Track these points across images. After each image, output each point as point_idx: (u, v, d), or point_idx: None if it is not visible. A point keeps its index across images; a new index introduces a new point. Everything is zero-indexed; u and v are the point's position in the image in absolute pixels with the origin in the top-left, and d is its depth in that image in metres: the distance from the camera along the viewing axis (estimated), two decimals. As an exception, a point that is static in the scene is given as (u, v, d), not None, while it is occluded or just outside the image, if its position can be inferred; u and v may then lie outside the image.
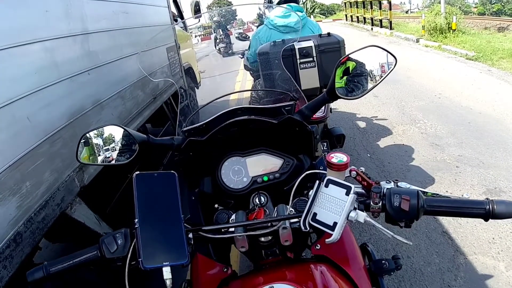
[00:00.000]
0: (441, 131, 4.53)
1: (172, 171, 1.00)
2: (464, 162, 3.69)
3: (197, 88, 5.80)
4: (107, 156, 1.21)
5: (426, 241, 2.67)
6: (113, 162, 1.20)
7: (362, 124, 5.03)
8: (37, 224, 1.51)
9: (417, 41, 12.43)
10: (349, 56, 1.22)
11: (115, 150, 1.21)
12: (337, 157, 1.01)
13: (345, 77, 1.26)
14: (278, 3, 3.30)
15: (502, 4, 61.77)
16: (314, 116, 2.83)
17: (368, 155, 4.02)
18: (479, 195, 3.11)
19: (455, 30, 11.76)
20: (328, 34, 2.79)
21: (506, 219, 0.85)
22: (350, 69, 1.27)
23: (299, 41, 2.69)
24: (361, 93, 1.22)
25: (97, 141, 1.22)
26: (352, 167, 1.01)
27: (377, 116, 5.22)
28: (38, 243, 1.56)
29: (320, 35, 2.79)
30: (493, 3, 63.45)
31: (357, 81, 1.25)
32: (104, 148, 1.21)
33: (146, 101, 3.03)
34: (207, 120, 1.25)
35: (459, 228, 2.74)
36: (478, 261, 2.45)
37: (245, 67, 3.60)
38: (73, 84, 1.94)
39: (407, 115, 5.19)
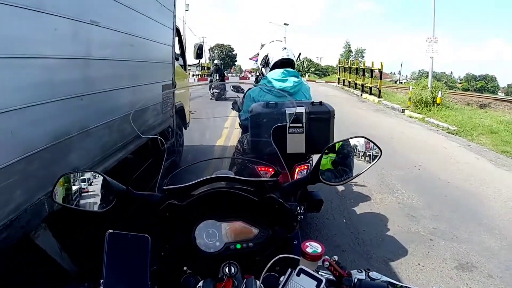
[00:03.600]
0: (417, 202, 4.60)
1: (145, 235, 1.00)
2: (438, 235, 3.72)
3: (185, 128, 5.79)
4: (83, 201, 1.20)
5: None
6: (88, 208, 1.19)
7: (341, 188, 5.07)
8: None
9: (403, 111, 12.88)
10: (337, 142, 1.28)
11: (92, 196, 1.20)
12: (312, 247, 1.01)
13: (330, 155, 1.30)
14: (274, 66, 3.34)
15: (486, 81, 64.78)
16: (295, 178, 2.84)
17: (344, 220, 4.02)
18: (451, 270, 3.12)
19: (439, 104, 12.25)
20: (320, 103, 2.83)
21: None
22: (336, 146, 1.32)
23: (291, 106, 2.70)
24: (344, 180, 1.25)
25: (75, 184, 1.21)
26: (326, 257, 1.02)
27: (356, 182, 5.26)
28: None
29: (312, 103, 2.83)
30: (477, 80, 66.57)
31: (343, 166, 1.28)
32: (81, 192, 1.20)
33: (133, 135, 2.99)
34: (188, 184, 1.25)
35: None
36: None
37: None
38: (64, 106, 1.93)
39: (386, 184, 5.27)
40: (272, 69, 3.35)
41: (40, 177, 1.73)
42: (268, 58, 3.40)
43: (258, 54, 4.83)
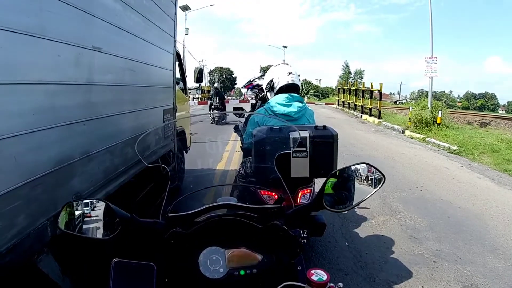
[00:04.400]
0: (420, 224, 4.58)
1: (150, 263, 1.02)
2: (441, 257, 3.70)
3: (186, 152, 5.81)
4: (88, 228, 1.21)
5: None
6: (93, 236, 1.21)
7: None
8: (1, 267, 1.46)
9: (403, 132, 12.93)
10: (340, 170, 1.30)
11: (97, 224, 1.21)
12: (318, 275, 1.02)
13: (331, 179, 1.30)
14: (279, 91, 3.34)
15: (485, 99, 65.13)
16: (298, 202, 2.82)
17: (346, 243, 4.00)
18: (456, 292, 3.09)
19: (439, 124, 12.31)
20: (324, 127, 2.84)
21: None
22: (337, 173, 1.33)
23: (295, 130, 2.69)
24: (347, 207, 1.28)
25: (80, 212, 1.22)
26: (331, 284, 1.03)
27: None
28: None
29: (316, 127, 2.83)
30: (477, 98, 67.02)
31: (343, 190, 1.30)
32: (86, 221, 1.21)
33: (135, 160, 3.00)
34: (191, 212, 1.28)
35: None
36: None
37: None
38: (67, 131, 1.95)
39: (388, 206, 5.25)
40: (277, 93, 3.35)
41: (43, 201, 1.74)
42: (273, 83, 3.39)
43: (250, 82, 4.85)
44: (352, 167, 1.30)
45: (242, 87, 5.83)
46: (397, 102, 47.93)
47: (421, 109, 13.70)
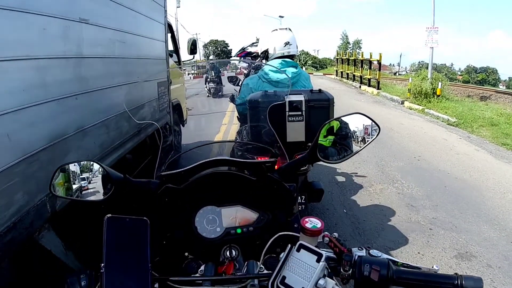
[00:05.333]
0: (417, 193, 4.63)
1: (144, 218, 0.99)
2: (437, 225, 3.76)
3: (183, 125, 5.79)
4: (81, 191, 1.19)
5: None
6: (87, 198, 1.19)
7: (341, 179, 5.09)
8: (2, 246, 1.45)
9: (402, 103, 12.84)
10: (335, 119, 1.27)
11: (90, 186, 1.19)
12: (312, 222, 1.01)
13: (329, 137, 1.28)
14: (275, 58, 3.25)
15: (487, 74, 64.73)
16: None
17: (345, 210, 4.06)
18: (450, 259, 3.15)
19: (439, 95, 12.23)
20: (319, 90, 2.79)
21: None
22: (335, 128, 1.31)
23: (290, 94, 2.66)
24: (341, 159, 1.24)
25: (73, 175, 1.20)
26: (326, 233, 1.02)
27: (357, 173, 5.30)
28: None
29: (311, 91, 2.78)
30: (478, 72, 66.62)
31: (341, 143, 1.27)
32: (79, 183, 1.19)
33: (130, 133, 2.97)
34: (185, 168, 1.24)
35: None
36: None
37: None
38: (59, 106, 1.90)
39: (386, 175, 5.29)
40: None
41: (40, 178, 1.70)
42: (268, 54, 3.31)
43: (243, 49, 4.73)
44: (346, 118, 1.26)
45: (235, 55, 5.66)
46: (397, 74, 47.55)
47: (421, 80, 13.54)
